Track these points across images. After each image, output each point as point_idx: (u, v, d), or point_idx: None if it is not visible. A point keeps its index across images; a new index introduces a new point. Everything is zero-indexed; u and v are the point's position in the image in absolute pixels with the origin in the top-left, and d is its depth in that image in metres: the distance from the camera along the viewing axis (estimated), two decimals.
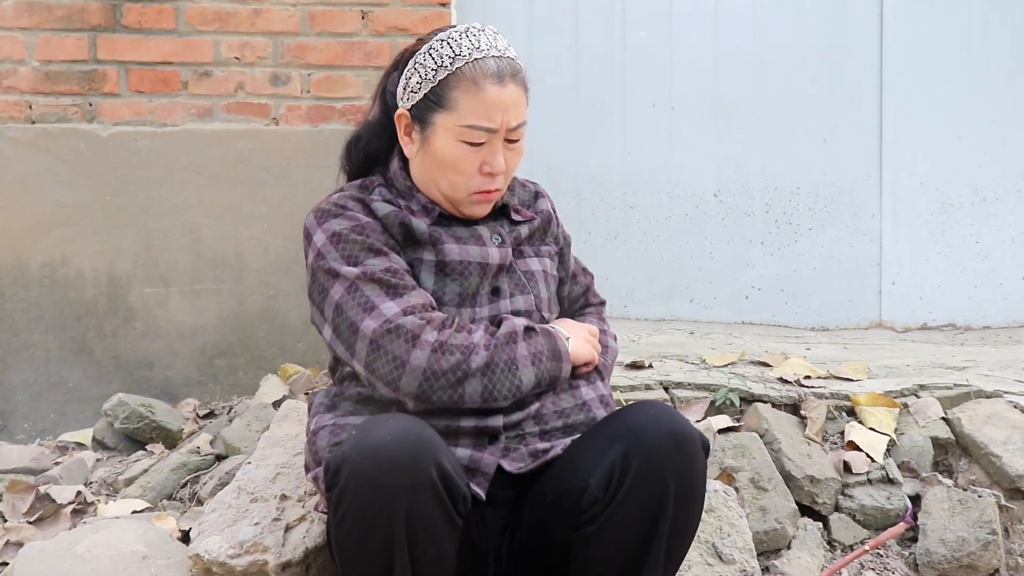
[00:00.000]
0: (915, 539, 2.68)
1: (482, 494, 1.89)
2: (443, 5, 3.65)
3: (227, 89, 3.63)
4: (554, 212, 2.28)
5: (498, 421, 1.93)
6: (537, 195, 2.27)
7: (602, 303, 2.44)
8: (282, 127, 3.64)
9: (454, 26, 2.05)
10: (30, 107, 3.58)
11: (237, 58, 3.62)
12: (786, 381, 3.05)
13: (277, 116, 3.64)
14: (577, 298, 2.36)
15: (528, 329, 1.98)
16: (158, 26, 3.60)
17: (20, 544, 2.61)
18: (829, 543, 2.68)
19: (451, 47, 2.00)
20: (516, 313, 2.05)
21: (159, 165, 3.60)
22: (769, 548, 2.60)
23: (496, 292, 2.07)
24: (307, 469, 2.07)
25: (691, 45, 4.02)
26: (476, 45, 1.99)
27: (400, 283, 1.94)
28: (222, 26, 3.62)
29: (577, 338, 2.10)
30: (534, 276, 2.14)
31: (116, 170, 3.59)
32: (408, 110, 2.05)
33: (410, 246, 2.04)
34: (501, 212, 2.16)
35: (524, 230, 2.17)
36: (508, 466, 1.94)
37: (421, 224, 2.03)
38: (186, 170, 3.61)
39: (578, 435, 1.98)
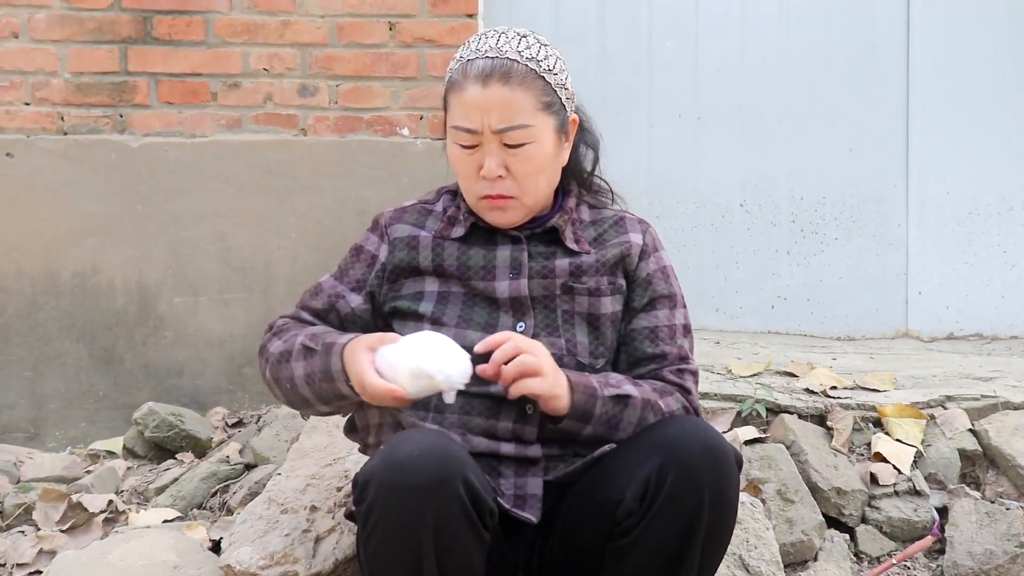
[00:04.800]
0: (942, 551, 2.68)
1: (533, 519, 1.91)
2: (470, 16, 3.67)
3: (256, 100, 3.66)
4: (647, 249, 2.11)
5: (537, 451, 1.95)
6: (626, 229, 2.11)
7: (682, 387, 2.04)
8: (310, 137, 3.67)
9: (485, 29, 2.04)
10: (62, 118, 3.62)
11: (266, 69, 3.66)
12: (812, 392, 3.04)
13: (305, 127, 3.67)
14: (642, 360, 2.06)
15: (307, 348, 1.95)
16: (188, 38, 3.63)
17: (53, 552, 2.64)
18: (856, 555, 2.68)
19: (461, 50, 2.01)
20: None
21: (189, 175, 3.63)
22: (796, 560, 2.61)
23: (521, 327, 2.00)
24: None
25: (717, 54, 4.02)
26: (477, 47, 1.98)
27: (310, 298, 2.12)
28: (251, 38, 3.65)
29: (359, 362, 1.86)
30: (574, 317, 2.03)
31: (146, 180, 3.63)
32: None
33: (415, 273, 2.06)
34: (553, 238, 2.07)
35: (579, 262, 2.05)
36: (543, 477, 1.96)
37: (427, 255, 2.04)
38: (215, 180, 3.64)
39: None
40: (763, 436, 2.87)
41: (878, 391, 3.09)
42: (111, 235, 3.62)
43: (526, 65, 1.95)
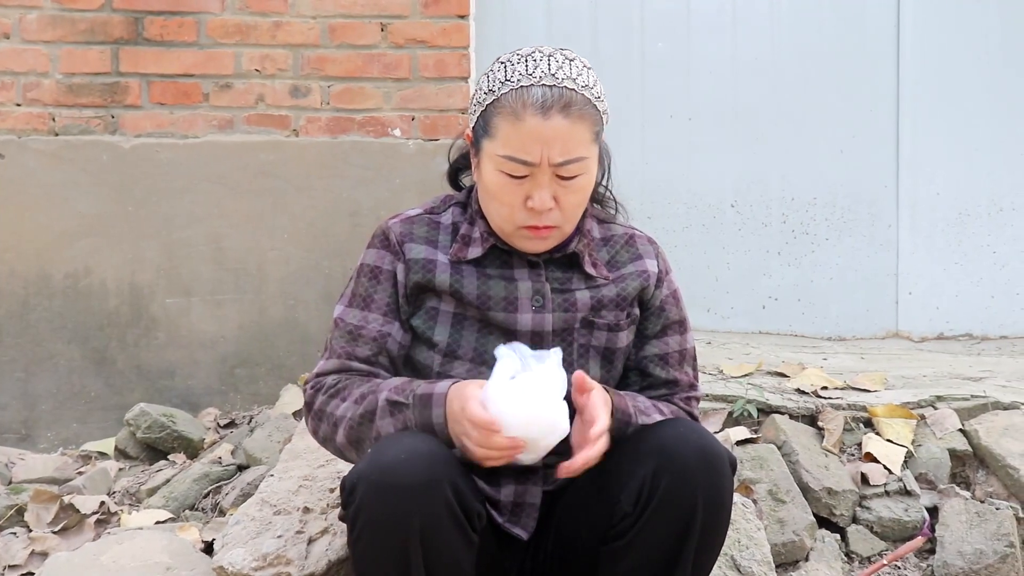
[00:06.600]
0: (933, 551, 2.69)
1: (524, 535, 1.92)
2: (462, 17, 3.67)
3: (248, 101, 3.66)
4: (661, 275, 2.06)
5: (538, 463, 1.94)
6: (639, 254, 2.05)
7: (690, 415, 2.07)
8: (302, 138, 3.67)
9: (524, 48, 1.93)
10: (53, 119, 3.62)
11: (258, 70, 3.66)
12: (803, 392, 3.05)
13: (297, 128, 3.67)
14: (655, 384, 2.06)
15: (394, 404, 1.82)
16: (180, 39, 3.63)
17: (45, 554, 2.63)
18: (847, 555, 2.69)
19: (505, 71, 1.88)
20: None
21: (181, 176, 3.63)
22: (787, 560, 2.61)
23: None
24: None
25: (709, 55, 4.03)
26: (528, 71, 1.86)
27: (349, 344, 1.96)
28: (243, 39, 3.65)
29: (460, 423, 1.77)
30: (590, 351, 1.99)
31: (138, 181, 3.63)
32: (472, 130, 1.96)
33: (430, 292, 1.97)
34: (570, 263, 2.00)
35: (599, 296, 1.99)
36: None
37: (444, 279, 1.94)
38: (208, 181, 3.64)
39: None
40: (754, 436, 2.88)
41: (869, 391, 3.11)
42: (103, 236, 3.62)
43: (583, 94, 1.88)
